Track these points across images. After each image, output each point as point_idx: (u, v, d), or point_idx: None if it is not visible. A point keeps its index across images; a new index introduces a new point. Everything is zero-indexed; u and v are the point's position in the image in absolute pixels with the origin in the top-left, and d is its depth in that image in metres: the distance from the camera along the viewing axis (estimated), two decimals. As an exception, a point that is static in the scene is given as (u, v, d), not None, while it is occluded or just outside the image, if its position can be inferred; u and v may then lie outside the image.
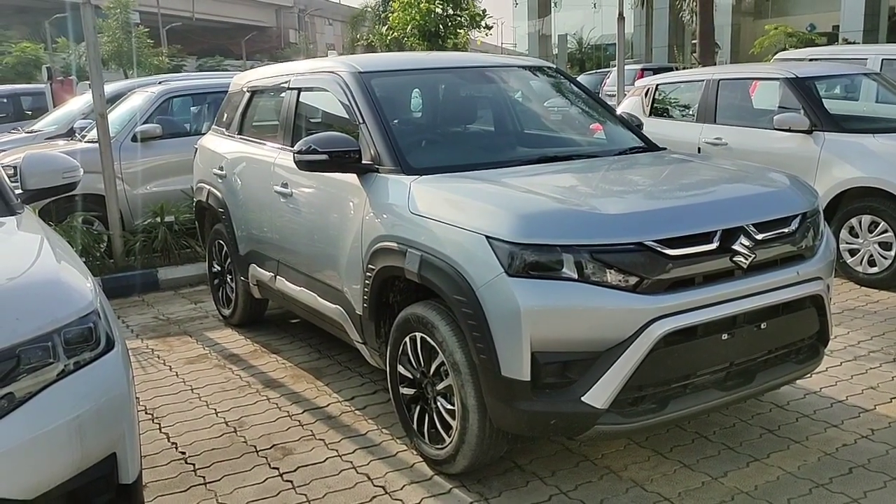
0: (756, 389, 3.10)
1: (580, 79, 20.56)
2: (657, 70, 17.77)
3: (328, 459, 3.40)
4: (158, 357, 4.79)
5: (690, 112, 7.17)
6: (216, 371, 4.52)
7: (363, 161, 3.55)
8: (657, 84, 7.68)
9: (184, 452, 3.52)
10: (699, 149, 6.64)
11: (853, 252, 5.75)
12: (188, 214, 6.68)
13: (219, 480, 3.26)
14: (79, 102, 10.05)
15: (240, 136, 5.08)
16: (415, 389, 3.28)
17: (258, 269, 4.70)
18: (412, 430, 3.34)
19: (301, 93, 4.40)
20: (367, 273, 3.45)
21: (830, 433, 3.45)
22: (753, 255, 2.91)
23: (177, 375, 4.47)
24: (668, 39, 34.20)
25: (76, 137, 8.16)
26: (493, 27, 23.28)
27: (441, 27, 20.28)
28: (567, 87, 4.65)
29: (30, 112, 13.62)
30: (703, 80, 7.06)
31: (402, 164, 3.46)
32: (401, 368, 3.34)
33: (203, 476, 3.30)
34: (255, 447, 3.54)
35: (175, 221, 6.92)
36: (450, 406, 3.05)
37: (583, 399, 2.71)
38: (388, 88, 4.00)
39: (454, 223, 2.98)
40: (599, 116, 4.45)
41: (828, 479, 3.08)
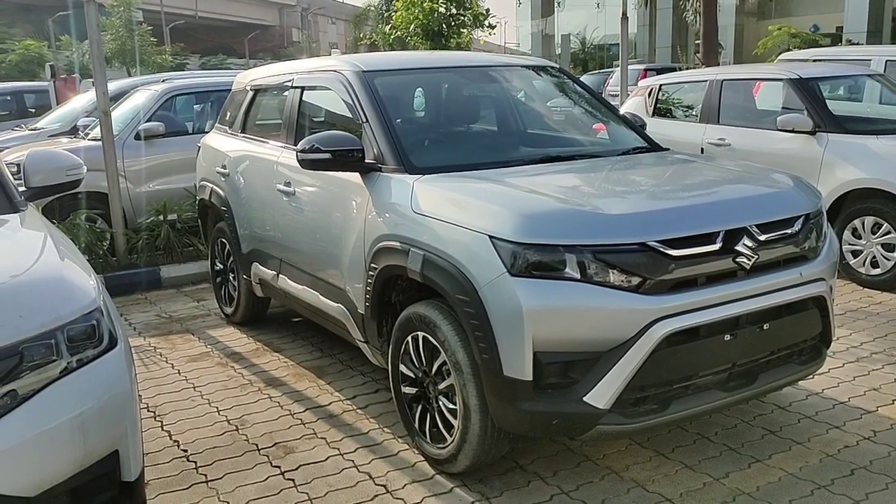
0: (758, 390, 3.10)
1: (583, 79, 20.59)
2: (660, 70, 17.77)
3: (330, 458, 3.40)
4: (161, 355, 4.80)
5: (694, 112, 7.16)
6: (218, 369, 4.53)
7: (366, 160, 3.55)
8: (660, 84, 7.67)
9: (186, 450, 3.52)
10: (702, 149, 6.63)
11: (856, 253, 5.75)
12: (191, 213, 6.69)
13: (220, 478, 3.26)
14: (82, 100, 10.07)
15: (243, 135, 5.08)
16: (416, 389, 3.28)
17: (261, 268, 4.70)
18: (414, 430, 3.34)
19: (304, 92, 4.40)
20: (370, 272, 3.45)
21: (832, 434, 3.45)
22: (756, 256, 2.90)
23: (179, 373, 4.48)
24: (672, 40, 34.19)
25: (79, 135, 8.18)
26: (497, 27, 23.27)
27: (444, 26, 20.28)
28: (570, 87, 4.65)
29: (33, 109, 13.66)
30: (707, 81, 7.05)
31: (405, 164, 3.46)
32: (403, 367, 3.34)
33: (205, 474, 3.31)
34: (257, 445, 3.54)
35: (178, 219, 6.93)
36: (451, 405, 3.05)
37: (585, 399, 2.71)
38: (392, 87, 4.00)
39: (457, 223, 2.98)
40: (602, 116, 4.44)
41: (829, 481, 3.08)
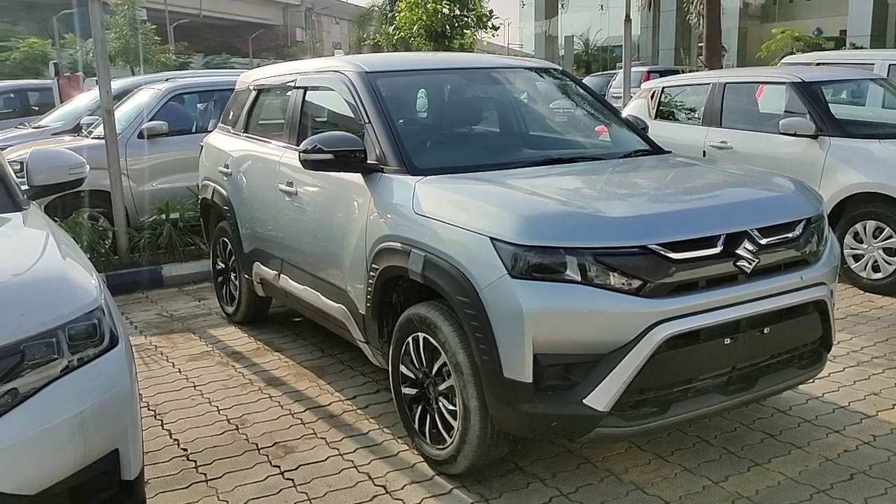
0: (758, 394, 3.10)
1: (586, 80, 20.61)
2: (663, 73, 17.80)
3: (329, 458, 3.41)
4: (162, 354, 4.81)
5: (696, 115, 7.16)
6: (219, 368, 4.53)
7: (368, 161, 3.55)
8: (663, 87, 7.67)
9: (186, 449, 3.53)
10: (704, 152, 6.63)
11: (857, 257, 5.74)
12: (193, 212, 6.70)
13: (220, 478, 3.27)
14: (85, 99, 10.10)
15: (245, 135, 5.09)
16: (417, 389, 3.29)
17: (262, 267, 4.70)
18: (413, 430, 3.35)
19: (307, 92, 4.41)
20: (371, 273, 3.45)
21: (832, 439, 3.45)
22: (757, 260, 2.90)
23: (180, 372, 4.48)
24: (675, 42, 34.20)
25: (83, 133, 8.19)
26: (500, 28, 23.28)
27: (448, 27, 20.26)
28: (572, 89, 4.65)
29: (36, 108, 13.70)
30: (710, 84, 7.05)
31: (407, 165, 3.46)
32: (403, 368, 3.34)
33: (204, 473, 3.31)
34: (257, 445, 3.54)
35: (180, 218, 6.94)
36: (451, 407, 3.06)
37: (584, 401, 2.71)
38: (394, 88, 4.01)
39: (458, 224, 2.98)
40: (604, 119, 4.45)
41: (829, 485, 3.07)
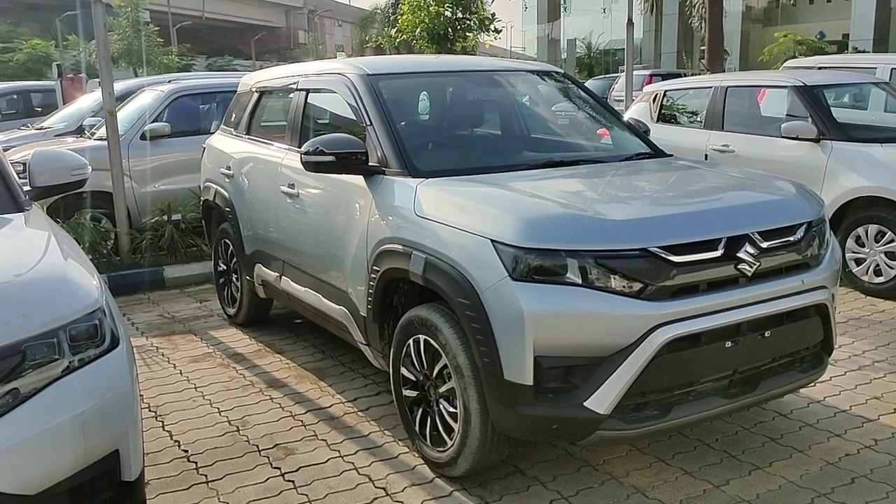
0: (759, 398, 3.10)
1: (588, 83, 20.62)
2: (666, 76, 17.80)
3: (330, 460, 3.41)
4: (163, 355, 4.81)
5: (698, 119, 7.16)
6: (220, 370, 4.53)
7: (370, 163, 3.56)
8: (665, 90, 7.67)
9: (186, 450, 3.53)
10: (706, 156, 6.62)
11: (859, 261, 5.74)
12: (195, 213, 6.71)
13: (221, 479, 3.27)
14: (88, 100, 10.10)
15: (247, 137, 5.10)
16: (417, 392, 3.29)
17: (263, 269, 4.71)
18: (414, 433, 3.34)
19: (309, 94, 4.41)
20: (372, 275, 3.46)
21: (833, 443, 3.45)
22: (758, 263, 2.90)
23: (181, 374, 4.49)
24: (677, 45, 34.24)
25: (85, 135, 8.21)
26: (502, 31, 23.26)
27: (450, 30, 20.28)
28: (574, 92, 4.66)
29: (39, 109, 13.70)
30: (712, 87, 7.04)
31: (409, 167, 3.47)
32: (404, 370, 3.34)
33: (205, 474, 3.31)
34: (258, 446, 3.55)
35: (182, 220, 6.95)
36: (452, 409, 3.06)
37: (585, 404, 2.71)
38: (396, 91, 4.01)
39: (459, 226, 2.98)
40: (606, 122, 4.45)
41: (830, 489, 3.07)
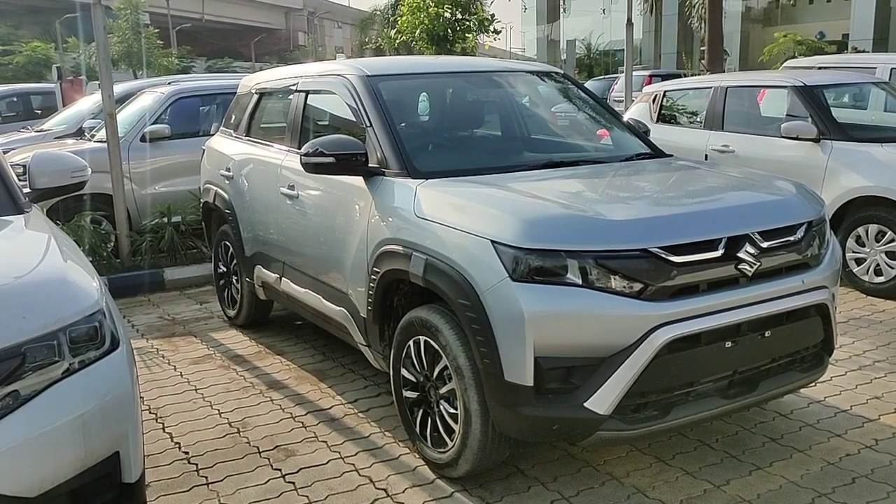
0: (759, 398, 3.10)
1: (588, 84, 20.63)
2: (665, 76, 17.80)
3: (330, 461, 3.40)
4: (163, 357, 4.81)
5: (698, 119, 7.16)
6: (220, 372, 4.53)
7: (370, 164, 3.56)
8: (665, 90, 7.67)
9: (187, 452, 3.53)
10: (706, 156, 6.62)
11: (859, 261, 5.74)
12: (195, 215, 6.71)
13: (221, 481, 3.27)
14: (88, 102, 10.11)
15: (247, 138, 5.10)
16: (418, 393, 3.29)
17: (263, 271, 4.71)
18: (415, 434, 3.34)
19: (309, 95, 4.41)
20: (372, 276, 3.46)
21: (834, 443, 3.44)
22: (758, 263, 2.90)
23: (181, 375, 4.48)
24: (677, 46, 34.26)
25: (85, 137, 8.22)
26: (502, 32, 23.29)
27: (449, 31, 20.30)
28: (574, 93, 4.66)
29: (39, 111, 13.70)
30: (712, 87, 7.05)
31: (409, 168, 3.47)
32: (404, 372, 3.34)
33: (206, 476, 3.31)
34: (258, 448, 3.54)
35: (182, 222, 6.94)
36: (452, 410, 3.05)
37: (585, 405, 2.71)
38: (396, 92, 4.02)
39: (459, 227, 2.98)
40: (606, 122, 4.45)
41: (830, 489, 3.07)
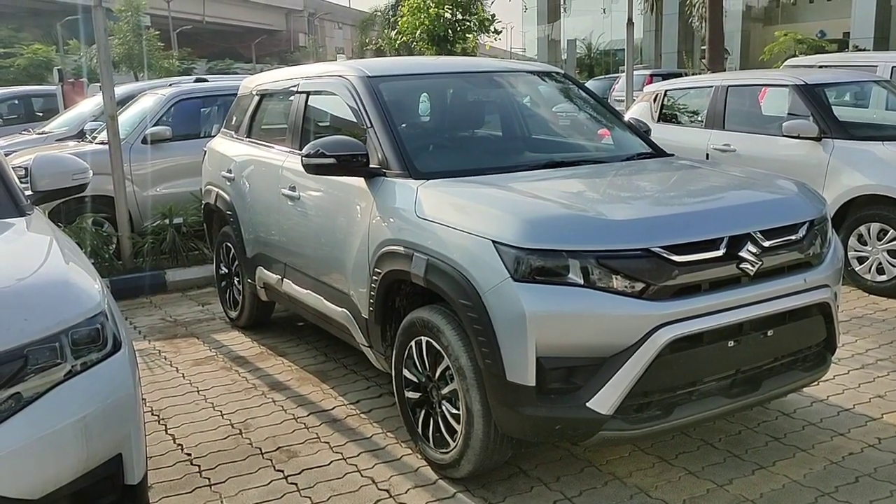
0: (762, 397, 3.09)
1: (589, 84, 20.62)
2: (666, 76, 17.79)
3: (333, 462, 3.40)
4: (165, 358, 4.81)
5: (699, 118, 7.15)
6: (222, 373, 4.53)
7: (371, 165, 3.56)
8: (666, 90, 7.67)
9: (189, 454, 3.53)
10: (707, 155, 6.62)
11: (862, 260, 5.73)
12: (196, 216, 6.71)
13: (224, 482, 3.27)
14: (89, 104, 10.11)
15: (248, 140, 5.10)
16: (420, 393, 3.29)
17: (265, 272, 4.71)
18: (417, 434, 3.34)
19: (310, 96, 4.42)
20: (374, 276, 3.46)
21: (837, 442, 3.44)
22: (760, 263, 2.90)
23: (183, 377, 4.49)
24: (678, 45, 34.23)
25: (87, 139, 8.22)
26: (502, 32, 23.31)
27: (450, 32, 20.35)
28: (575, 93, 4.65)
29: (41, 113, 13.71)
30: (712, 87, 7.04)
31: (410, 169, 3.47)
32: (406, 372, 3.34)
33: (208, 478, 3.31)
34: (261, 449, 3.55)
35: (183, 223, 6.95)
36: (455, 410, 3.05)
37: (588, 405, 2.70)
38: (397, 93, 4.01)
39: (461, 228, 2.98)
40: (607, 122, 4.44)
41: (833, 488, 3.06)
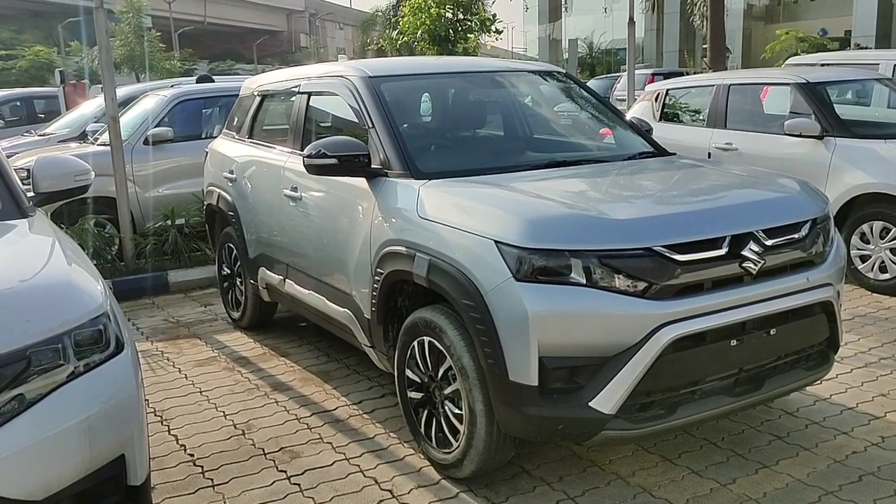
0: (765, 396, 3.09)
1: (590, 83, 20.61)
2: (667, 75, 17.76)
3: (336, 463, 3.41)
4: (168, 359, 4.82)
5: (701, 117, 7.15)
6: (225, 374, 4.54)
7: (372, 165, 3.56)
8: (667, 89, 7.66)
9: (192, 455, 3.53)
10: (709, 154, 6.61)
11: (864, 258, 5.72)
12: (199, 217, 6.71)
13: (227, 483, 3.27)
14: (91, 106, 10.13)
15: (250, 140, 5.11)
16: (422, 393, 3.29)
17: (267, 273, 4.71)
18: (420, 434, 3.34)
19: (311, 97, 4.42)
20: (376, 277, 3.46)
21: (840, 440, 3.44)
22: (763, 261, 2.89)
23: (186, 378, 4.49)
24: (679, 44, 34.22)
25: (88, 140, 8.23)
26: (504, 32, 23.30)
27: (451, 32, 20.34)
28: (576, 92, 4.65)
29: (43, 115, 13.73)
30: (714, 85, 7.04)
31: (411, 169, 3.47)
32: (409, 372, 3.34)
33: (211, 478, 3.31)
34: (263, 450, 3.55)
35: (186, 224, 6.96)
36: (457, 410, 3.05)
37: (590, 404, 2.70)
38: (398, 93, 4.01)
39: (463, 227, 2.98)
40: (609, 121, 4.44)
41: (837, 487, 3.06)
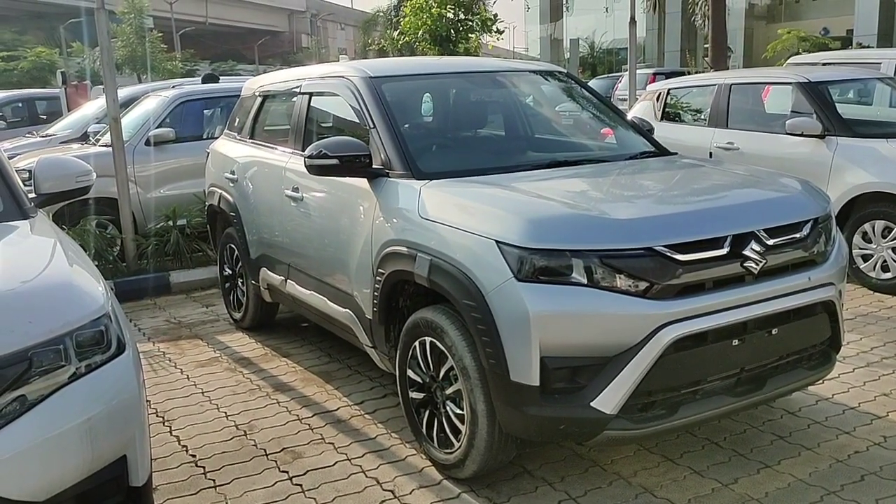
0: (767, 395, 3.08)
1: (592, 83, 20.60)
2: (669, 74, 17.76)
3: (337, 463, 3.41)
4: (170, 360, 4.82)
5: (702, 116, 7.15)
6: (227, 374, 4.54)
7: (373, 166, 3.56)
8: (669, 88, 7.66)
9: (194, 455, 3.53)
10: (711, 153, 6.61)
11: (866, 257, 5.71)
12: (200, 218, 6.72)
13: (229, 483, 3.27)
14: (93, 107, 10.14)
15: (251, 141, 5.11)
16: (424, 394, 3.29)
17: (269, 273, 4.71)
18: (421, 435, 3.34)
19: (312, 97, 4.42)
20: (377, 277, 3.46)
21: (842, 440, 3.43)
22: (764, 261, 2.89)
23: (188, 378, 4.49)
24: (681, 44, 34.20)
25: (90, 141, 8.24)
26: (505, 32, 23.31)
27: (452, 32, 20.35)
28: (578, 92, 4.65)
29: (44, 116, 13.74)
30: (715, 85, 7.03)
31: (413, 169, 3.47)
32: (410, 373, 3.34)
33: (213, 479, 3.32)
34: (265, 450, 3.55)
35: (187, 225, 6.97)
36: (459, 410, 3.05)
37: (592, 404, 2.70)
38: (399, 93, 4.01)
39: (464, 228, 2.98)
40: (610, 121, 4.44)
41: (839, 487, 3.06)
